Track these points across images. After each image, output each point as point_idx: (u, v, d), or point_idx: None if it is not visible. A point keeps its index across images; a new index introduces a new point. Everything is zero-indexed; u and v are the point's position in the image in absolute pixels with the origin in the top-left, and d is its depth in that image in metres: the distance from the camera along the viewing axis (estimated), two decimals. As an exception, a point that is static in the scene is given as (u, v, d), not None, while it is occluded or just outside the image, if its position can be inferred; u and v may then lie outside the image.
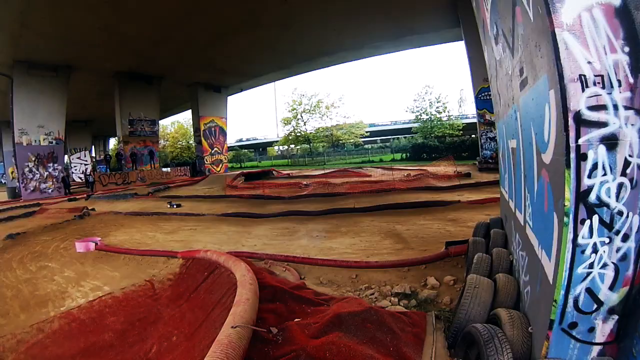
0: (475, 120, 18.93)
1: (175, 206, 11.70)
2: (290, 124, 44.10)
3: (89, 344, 3.32)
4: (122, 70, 23.64)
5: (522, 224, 2.76)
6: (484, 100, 16.92)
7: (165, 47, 20.07)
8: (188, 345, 3.08)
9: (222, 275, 4.13)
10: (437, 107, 35.94)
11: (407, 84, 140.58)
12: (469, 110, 37.88)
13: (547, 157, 1.96)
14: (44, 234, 8.82)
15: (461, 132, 34.42)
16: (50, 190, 20.81)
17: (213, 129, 31.19)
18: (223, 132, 32.42)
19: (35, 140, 20.36)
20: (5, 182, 36.38)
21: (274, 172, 23.18)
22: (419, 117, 36.80)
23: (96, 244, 6.77)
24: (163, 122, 47.01)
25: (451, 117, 36.41)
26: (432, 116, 35.93)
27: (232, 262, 4.18)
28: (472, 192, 9.93)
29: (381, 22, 19.15)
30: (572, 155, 1.59)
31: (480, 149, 17.53)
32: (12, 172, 30.15)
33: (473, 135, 28.87)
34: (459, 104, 39.38)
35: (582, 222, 1.63)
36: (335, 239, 6.12)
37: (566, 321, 1.74)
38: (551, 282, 1.81)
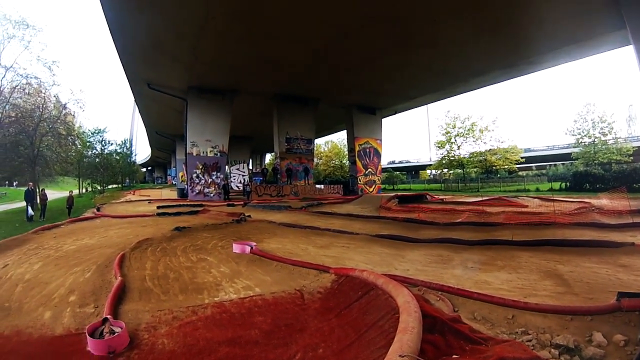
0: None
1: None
2: (444, 147, 45.36)
3: (236, 336, 3.58)
4: (280, 93, 27.89)
5: None
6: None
7: (318, 71, 23.08)
8: (336, 360, 3.06)
9: (380, 298, 4.08)
10: (602, 129, 32.63)
11: (565, 103, 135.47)
12: (642, 131, 33.30)
13: None
14: (205, 231, 10.36)
15: (631, 157, 30.91)
16: (212, 195, 25.33)
17: (367, 150, 33.29)
18: (377, 154, 34.25)
19: (203, 152, 25.43)
20: (175, 184, 48.60)
21: (427, 196, 22.69)
22: (580, 140, 34.23)
23: (252, 248, 7.51)
24: (317, 141, 51.51)
25: (618, 139, 32.61)
26: (596, 139, 32.90)
27: (392, 286, 4.15)
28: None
29: (534, 34, 18.24)
30: None
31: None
32: (181, 176, 38.48)
33: (647, 162, 25.07)
34: (627, 123, 36.50)
35: None
36: (491, 273, 5.79)
37: None
38: None
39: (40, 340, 3.57)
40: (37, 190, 17.51)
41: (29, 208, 15.89)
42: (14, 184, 47.57)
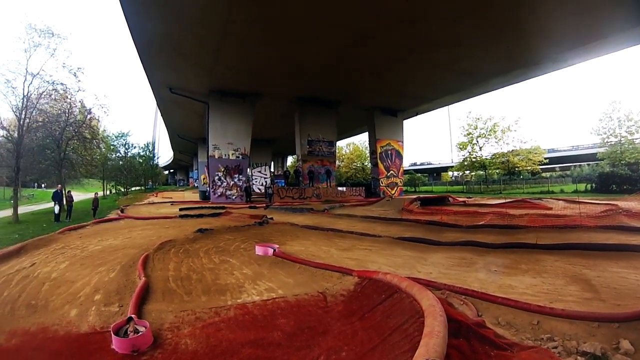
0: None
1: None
2: (466, 149, 45.42)
3: (259, 337, 3.60)
4: (302, 96, 28.20)
5: None
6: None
7: (339, 74, 23.34)
8: (360, 364, 3.05)
9: (403, 301, 4.04)
10: (628, 127, 32.07)
11: (590, 102, 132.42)
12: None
13: None
14: (227, 233, 10.51)
15: None
16: (234, 197, 25.78)
17: (389, 152, 33.42)
18: (399, 156, 34.31)
19: (225, 155, 25.92)
20: (197, 186, 50.54)
21: (449, 198, 22.50)
22: (606, 140, 33.70)
23: (274, 250, 7.55)
24: (339, 143, 51.91)
25: None
26: (623, 138, 32.39)
27: (417, 289, 4.11)
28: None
29: (555, 32, 18.02)
30: None
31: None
32: (203, 179, 39.44)
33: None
34: None
35: None
36: (515, 277, 5.71)
37: None
38: None
39: (66, 338, 3.67)
40: (64, 192, 18.08)
41: (57, 207, 16.43)
42: (42, 185, 49.40)
